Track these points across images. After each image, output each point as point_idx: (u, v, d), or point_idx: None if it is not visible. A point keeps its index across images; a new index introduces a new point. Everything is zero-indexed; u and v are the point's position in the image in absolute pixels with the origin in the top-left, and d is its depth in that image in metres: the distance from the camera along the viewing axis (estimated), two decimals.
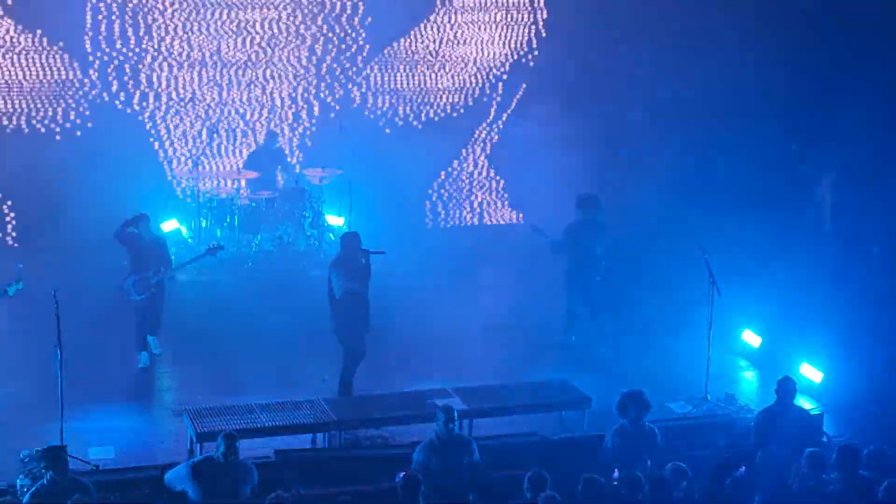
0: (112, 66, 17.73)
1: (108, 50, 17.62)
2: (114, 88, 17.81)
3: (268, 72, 18.31)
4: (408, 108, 19.07)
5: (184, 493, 10.17)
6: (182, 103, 18.06)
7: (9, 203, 17.66)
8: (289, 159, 18.31)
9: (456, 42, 18.94)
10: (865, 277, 14.75)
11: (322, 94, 18.70)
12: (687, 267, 14.92)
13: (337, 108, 18.71)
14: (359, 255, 13.39)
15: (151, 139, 18.05)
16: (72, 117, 17.71)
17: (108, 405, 13.23)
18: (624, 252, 16.83)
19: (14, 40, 17.33)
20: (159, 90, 17.99)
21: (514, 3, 18.84)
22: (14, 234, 17.72)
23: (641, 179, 16.91)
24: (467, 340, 15.41)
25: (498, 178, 19.46)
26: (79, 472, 10.55)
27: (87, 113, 17.74)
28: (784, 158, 16.03)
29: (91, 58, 17.61)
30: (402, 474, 9.92)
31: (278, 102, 18.49)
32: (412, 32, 18.84)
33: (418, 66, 18.95)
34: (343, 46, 18.61)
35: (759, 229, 15.78)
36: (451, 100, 19.24)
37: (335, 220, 17.74)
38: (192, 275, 15.89)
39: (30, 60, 17.40)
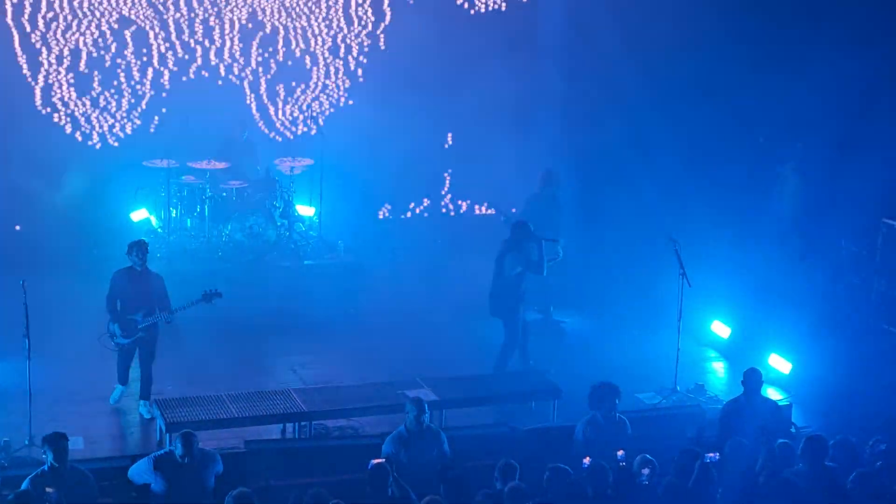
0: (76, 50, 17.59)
1: (76, 36, 17.49)
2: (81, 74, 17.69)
3: (241, 60, 18.22)
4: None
5: (148, 485, 10.17)
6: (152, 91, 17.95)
7: None
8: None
9: None
10: (833, 269, 14.82)
11: (295, 84, 18.66)
12: (657, 258, 14.97)
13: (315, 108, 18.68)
14: (527, 242, 13.79)
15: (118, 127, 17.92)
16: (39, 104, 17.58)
17: (77, 395, 13.18)
18: (594, 243, 16.90)
19: None
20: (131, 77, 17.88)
21: None
22: None
23: (611, 172, 16.93)
24: (438, 330, 15.45)
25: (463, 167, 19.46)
26: (78, 459, 10.58)
27: (56, 99, 17.60)
28: (751, 150, 16.09)
29: (59, 41, 17.46)
30: (373, 462, 9.94)
31: (251, 92, 18.41)
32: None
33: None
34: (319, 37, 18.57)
35: (729, 221, 15.85)
36: None
37: (306, 210, 17.71)
38: (161, 265, 15.81)
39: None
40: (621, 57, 16.93)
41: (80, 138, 17.64)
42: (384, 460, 9.97)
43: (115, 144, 17.75)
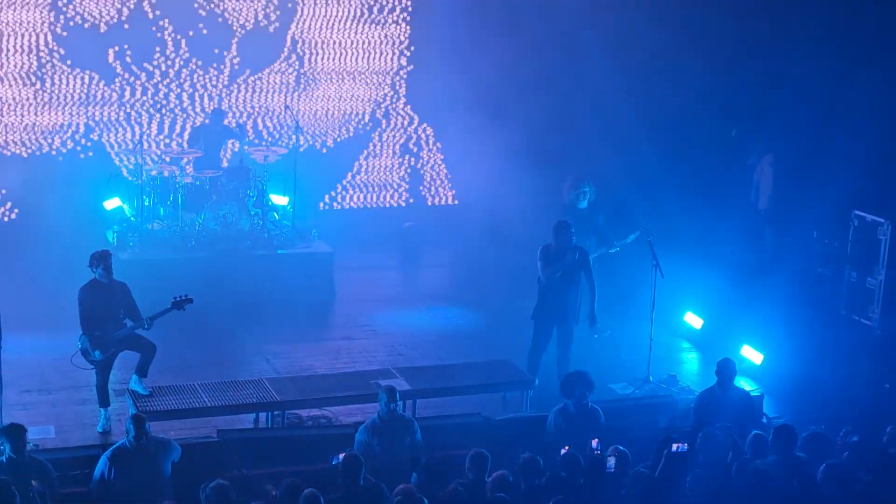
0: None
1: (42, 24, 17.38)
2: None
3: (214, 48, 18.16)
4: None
5: (110, 481, 10.13)
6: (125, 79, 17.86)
7: None
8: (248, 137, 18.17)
9: None
10: (805, 260, 14.90)
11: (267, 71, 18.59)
12: (630, 249, 15.00)
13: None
14: (565, 244, 13.19)
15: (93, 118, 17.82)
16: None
17: (48, 383, 13.12)
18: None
19: None
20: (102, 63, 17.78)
21: None
22: None
23: (583, 164, 16.94)
24: (412, 320, 15.46)
25: (440, 159, 19.45)
26: (36, 450, 10.55)
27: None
28: (725, 142, 16.17)
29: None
30: (340, 455, 9.94)
31: (224, 79, 18.34)
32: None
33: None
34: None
35: (702, 212, 15.91)
36: None
37: (279, 200, 17.66)
38: (134, 254, 15.79)
39: None
40: (595, 50, 16.95)
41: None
42: (344, 455, 9.93)
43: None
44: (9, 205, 17.50)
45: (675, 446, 10.03)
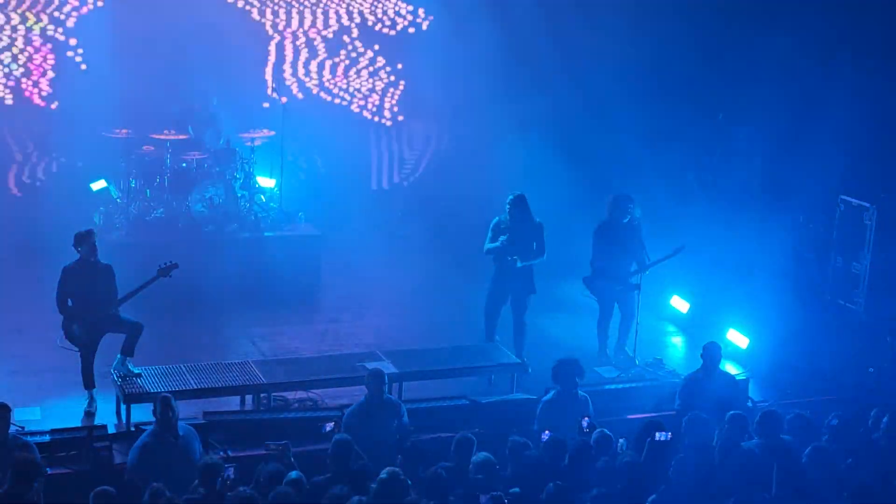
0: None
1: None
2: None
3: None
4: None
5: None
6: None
7: None
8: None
9: None
10: (791, 245, 14.93)
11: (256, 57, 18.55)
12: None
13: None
14: (522, 220, 13.26)
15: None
16: None
17: (34, 365, 13.10)
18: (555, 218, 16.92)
19: None
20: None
21: None
22: None
23: (571, 149, 16.96)
24: (398, 303, 15.46)
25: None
26: (20, 432, 10.54)
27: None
28: (710, 127, 16.18)
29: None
30: (330, 424, 9.98)
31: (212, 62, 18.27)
32: None
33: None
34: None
35: (688, 197, 15.93)
36: None
37: (266, 182, 17.63)
38: (120, 236, 15.74)
39: None
40: (582, 39, 16.94)
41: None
42: (334, 440, 9.94)
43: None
44: None
45: (658, 435, 10.08)
